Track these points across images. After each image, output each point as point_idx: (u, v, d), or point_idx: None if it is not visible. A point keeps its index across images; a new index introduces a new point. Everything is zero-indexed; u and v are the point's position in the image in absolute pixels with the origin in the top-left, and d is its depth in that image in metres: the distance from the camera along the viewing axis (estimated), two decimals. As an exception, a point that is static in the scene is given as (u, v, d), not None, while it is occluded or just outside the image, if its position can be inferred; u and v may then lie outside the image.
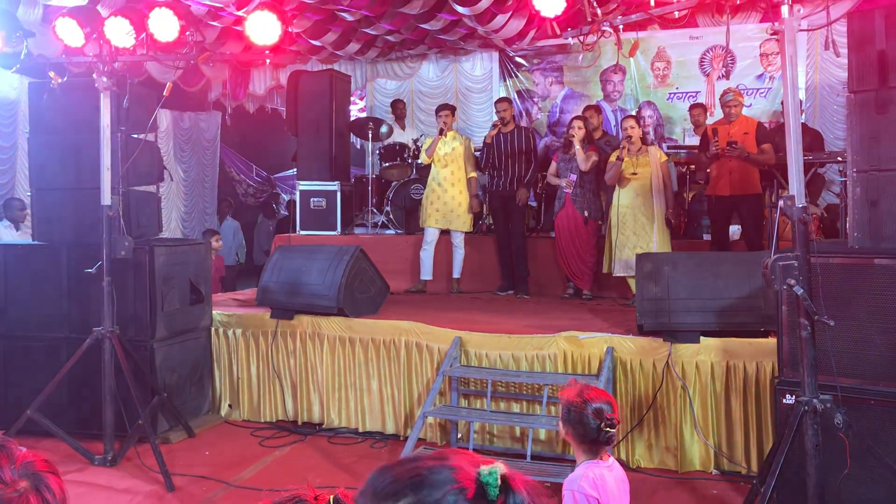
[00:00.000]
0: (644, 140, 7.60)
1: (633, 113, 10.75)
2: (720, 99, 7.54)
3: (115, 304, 5.51)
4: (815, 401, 3.70)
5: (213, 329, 6.71)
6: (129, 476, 5.29)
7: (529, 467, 5.03)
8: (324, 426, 6.33)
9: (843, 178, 6.83)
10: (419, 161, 9.18)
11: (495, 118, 8.49)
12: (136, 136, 6.12)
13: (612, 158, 7.38)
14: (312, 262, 6.52)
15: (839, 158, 7.49)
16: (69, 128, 6.12)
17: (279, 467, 5.54)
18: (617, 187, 7.28)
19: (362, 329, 6.26)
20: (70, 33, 5.45)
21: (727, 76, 10.23)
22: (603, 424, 2.74)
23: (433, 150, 8.25)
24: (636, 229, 7.13)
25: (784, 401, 4.27)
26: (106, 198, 5.48)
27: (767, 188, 7.52)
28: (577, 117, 7.90)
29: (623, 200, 7.20)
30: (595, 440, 2.76)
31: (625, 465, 4.90)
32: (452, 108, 8.61)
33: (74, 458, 5.47)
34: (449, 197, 8.18)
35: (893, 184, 4.18)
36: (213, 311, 6.75)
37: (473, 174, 8.32)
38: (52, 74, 5.72)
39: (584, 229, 7.58)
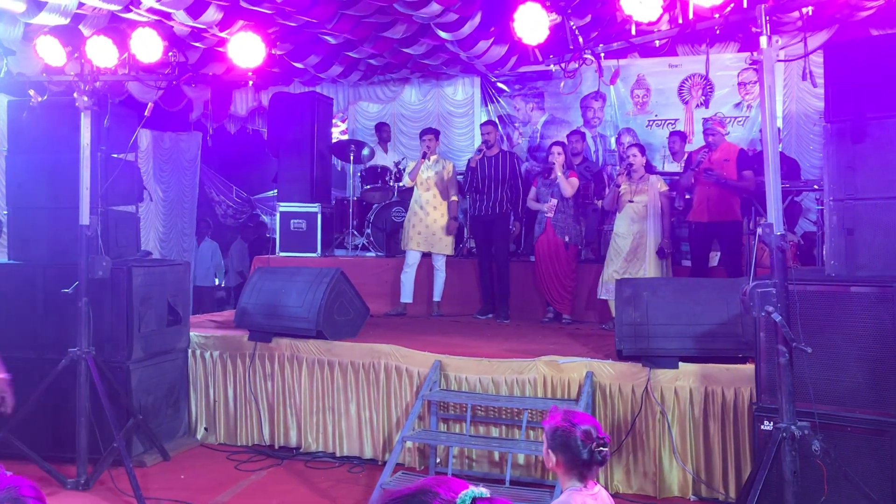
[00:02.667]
0: (649, 168, 7.73)
1: (613, 139, 10.87)
2: (704, 127, 7.64)
3: (92, 325, 5.45)
4: (793, 427, 3.72)
5: (190, 351, 6.65)
6: (103, 500, 5.20)
7: (508, 493, 5.00)
8: (301, 450, 6.27)
9: (820, 207, 6.92)
10: (401, 184, 9.20)
11: (478, 142, 8.54)
12: (116, 155, 6.09)
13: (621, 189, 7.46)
14: (292, 284, 6.49)
15: (815, 186, 7.59)
16: (48, 147, 6.08)
17: (256, 491, 5.47)
18: (617, 213, 7.35)
19: (341, 352, 6.22)
20: (51, 52, 5.44)
21: (706, 104, 10.36)
22: (595, 446, 2.70)
23: (416, 173, 8.28)
24: (628, 255, 7.19)
25: (762, 427, 4.29)
26: (84, 217, 5.43)
27: (746, 216, 7.60)
28: (556, 143, 7.96)
29: (619, 227, 7.28)
30: (586, 464, 2.72)
31: (604, 491, 4.88)
32: (437, 133, 8.66)
33: (47, 481, 5.37)
34: (431, 220, 8.19)
35: (869, 212, 4.24)
36: (191, 333, 6.69)
37: (455, 198, 8.35)
38: (31, 93, 5.70)
39: (564, 254, 7.63)
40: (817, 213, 7.93)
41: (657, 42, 4.33)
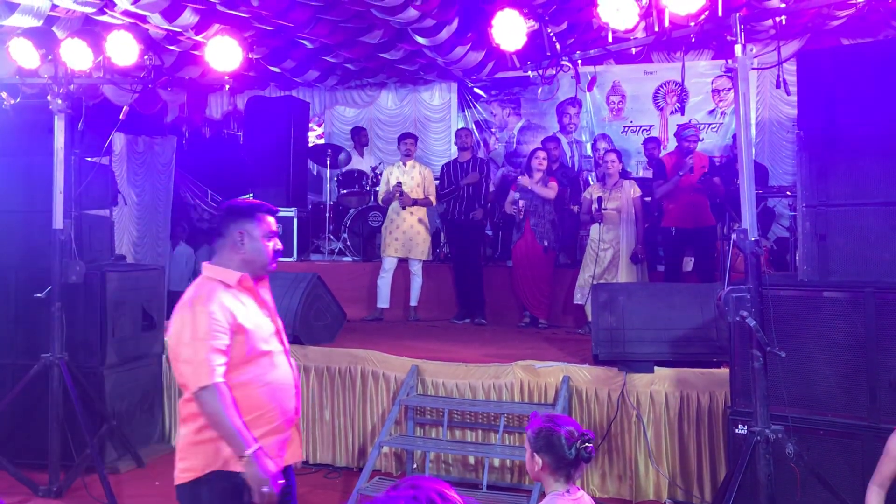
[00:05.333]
0: (624, 174, 7.80)
1: (588, 145, 10.93)
2: (679, 133, 7.70)
3: (65, 330, 5.41)
4: (767, 431, 3.75)
5: (164, 356, 6.59)
6: (75, 507, 5.15)
7: (485, 497, 5.01)
8: (277, 456, 6.23)
9: (793, 213, 7.01)
10: (377, 191, 9.21)
11: (454, 147, 8.56)
12: (90, 159, 6.04)
13: (587, 195, 7.52)
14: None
15: (788, 193, 7.69)
16: (21, 150, 6.02)
17: (231, 498, 5.43)
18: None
19: (318, 357, 6.19)
20: (24, 54, 5.39)
21: (681, 111, 10.45)
22: (580, 443, 2.71)
23: (388, 201, 8.29)
24: (602, 261, 7.23)
25: (736, 431, 4.33)
26: (58, 221, 5.38)
27: (720, 221, 7.68)
28: (540, 149, 8.02)
29: (593, 232, 7.34)
30: (572, 463, 2.73)
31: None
32: (415, 137, 8.69)
33: (18, 488, 5.31)
34: (408, 226, 8.19)
35: (841, 219, 4.30)
36: (166, 338, 6.63)
37: (433, 198, 8.34)
38: (3, 95, 5.63)
39: (542, 259, 7.66)
40: (790, 218, 8.03)
41: (633, 49, 4.37)
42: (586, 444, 2.72)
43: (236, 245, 3.01)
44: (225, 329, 2.85)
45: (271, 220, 3.10)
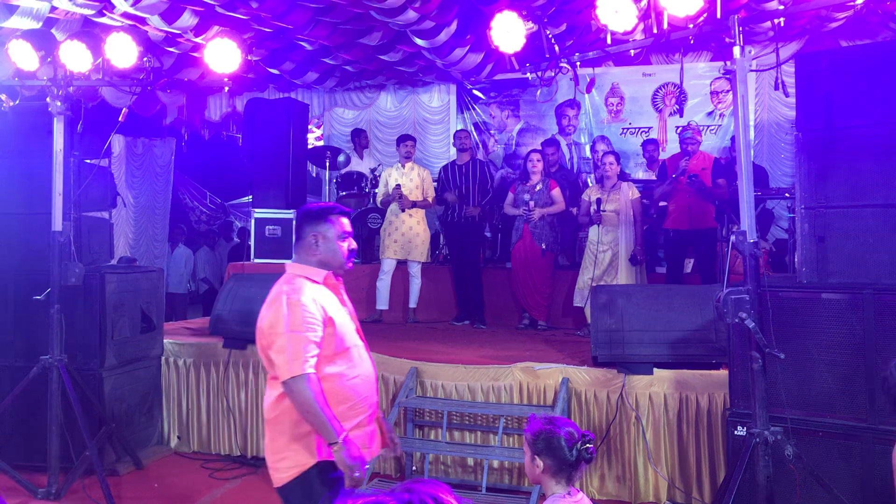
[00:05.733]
0: (622, 176, 7.81)
1: (587, 147, 10.94)
2: (679, 134, 7.71)
3: (64, 332, 5.40)
4: (766, 433, 3.76)
5: (163, 358, 6.59)
6: (74, 509, 5.15)
7: (484, 499, 5.01)
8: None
9: (792, 214, 7.01)
10: (376, 193, 9.21)
11: (454, 150, 8.57)
12: (89, 161, 6.03)
13: (585, 197, 7.53)
14: (267, 291, 6.42)
15: (787, 195, 7.69)
16: (20, 152, 6.00)
17: (230, 500, 5.43)
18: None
19: (317, 359, 6.18)
20: (23, 56, 5.38)
21: (680, 113, 10.46)
22: (580, 444, 2.71)
23: (387, 202, 8.30)
24: (601, 263, 7.24)
25: (736, 432, 4.34)
26: (57, 224, 5.38)
27: (720, 223, 7.68)
28: (534, 151, 8.02)
29: (592, 234, 7.34)
30: (573, 465, 2.73)
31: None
32: (414, 140, 8.70)
33: (17, 490, 5.31)
34: (406, 227, 8.19)
35: (840, 220, 4.31)
36: (165, 340, 6.63)
37: (432, 200, 8.35)
38: (3, 97, 5.63)
39: (541, 261, 7.66)
40: (789, 220, 8.04)
41: (632, 51, 4.38)
42: (587, 445, 2.72)
43: (311, 247, 3.13)
44: (318, 321, 2.96)
45: (344, 221, 3.20)
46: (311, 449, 2.98)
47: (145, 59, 5.45)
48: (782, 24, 4.12)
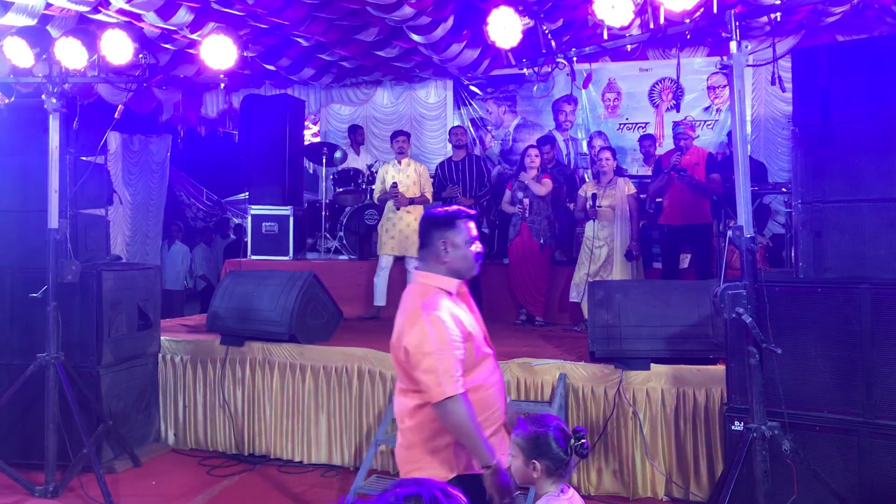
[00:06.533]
0: (619, 171, 7.81)
1: (584, 142, 10.93)
2: (672, 130, 7.72)
3: (61, 330, 5.39)
4: (763, 428, 3.76)
5: (161, 355, 6.58)
6: (72, 507, 5.15)
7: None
8: (272, 457, 6.22)
9: (789, 209, 7.01)
10: (373, 189, 9.20)
11: (449, 145, 8.56)
12: (85, 158, 6.02)
13: (581, 192, 7.53)
14: (264, 288, 6.45)
15: (784, 189, 7.70)
16: (16, 149, 5.99)
17: (228, 497, 5.43)
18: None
19: (314, 356, 6.19)
20: (19, 53, 5.36)
21: (676, 108, 10.46)
22: (573, 441, 2.70)
23: (384, 198, 8.30)
24: (598, 258, 7.24)
25: (733, 427, 4.33)
26: (53, 221, 5.37)
27: (716, 218, 7.69)
28: (532, 146, 8.01)
29: (588, 230, 7.34)
30: (567, 462, 2.72)
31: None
32: (408, 135, 8.69)
33: (14, 488, 5.30)
34: (404, 224, 8.18)
35: (837, 215, 4.31)
36: (162, 337, 6.62)
37: (429, 195, 8.34)
38: (-2, 94, 5.62)
39: (539, 256, 7.66)
40: (786, 215, 8.04)
41: (628, 46, 4.37)
42: (581, 441, 2.71)
43: (440, 254, 3.05)
44: (460, 338, 2.92)
45: (471, 225, 3.13)
46: (450, 464, 2.95)
47: (141, 55, 5.43)
48: (779, 19, 4.11)
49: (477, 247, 3.12)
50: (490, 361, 3.13)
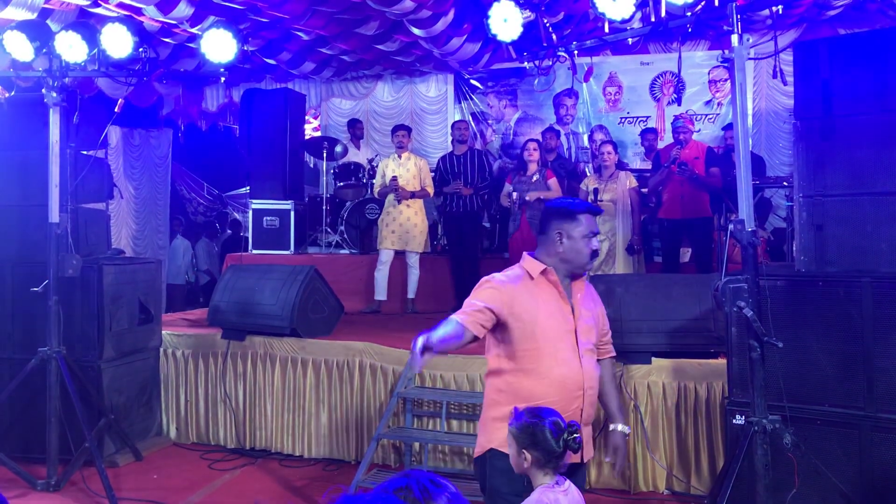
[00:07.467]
0: (620, 165, 7.80)
1: (585, 136, 10.92)
2: (672, 124, 7.71)
3: (62, 324, 5.38)
4: (764, 421, 3.76)
5: (162, 350, 6.59)
6: (74, 501, 5.15)
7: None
8: (273, 451, 6.23)
9: (790, 203, 7.00)
10: (374, 183, 9.20)
11: (450, 139, 8.56)
12: (85, 152, 6.02)
13: (583, 186, 7.52)
14: (265, 282, 6.45)
15: (785, 183, 7.69)
16: (16, 143, 5.99)
17: (229, 490, 5.44)
18: None
19: (315, 350, 6.19)
20: (19, 47, 5.35)
21: (678, 102, 10.44)
22: (566, 435, 2.70)
23: (385, 192, 8.28)
24: (599, 252, 7.22)
25: (734, 421, 4.34)
26: (54, 215, 5.36)
27: (716, 212, 7.68)
28: (531, 140, 8.00)
29: None
30: (560, 456, 2.72)
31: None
32: (409, 129, 8.69)
33: (16, 482, 5.31)
34: (404, 218, 8.17)
35: (838, 209, 4.30)
36: (163, 332, 6.63)
37: (430, 189, 8.33)
38: (-1, 89, 5.61)
39: (538, 250, 7.64)
40: (787, 209, 8.03)
41: (630, 40, 4.36)
42: (574, 435, 2.70)
43: (554, 244, 3.13)
44: (498, 302, 3.03)
45: (593, 220, 3.17)
46: (490, 435, 3.04)
47: (141, 49, 5.41)
48: (781, 12, 4.11)
49: (594, 243, 3.16)
50: (560, 355, 3.05)
